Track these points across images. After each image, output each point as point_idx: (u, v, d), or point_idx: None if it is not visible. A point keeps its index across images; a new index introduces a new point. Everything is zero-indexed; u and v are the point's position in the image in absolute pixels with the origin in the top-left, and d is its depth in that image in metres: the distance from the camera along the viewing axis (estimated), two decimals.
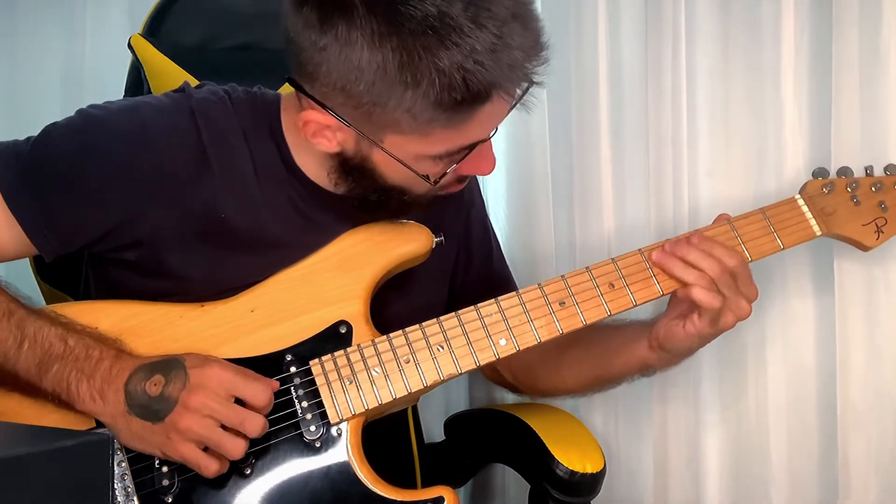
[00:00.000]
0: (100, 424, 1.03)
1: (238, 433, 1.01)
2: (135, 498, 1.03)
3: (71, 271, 1.23)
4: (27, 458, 0.70)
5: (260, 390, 1.02)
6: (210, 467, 1.01)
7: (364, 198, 1.10)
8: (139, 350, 1.06)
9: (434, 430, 1.54)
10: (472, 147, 1.04)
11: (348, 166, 1.07)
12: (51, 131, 1.08)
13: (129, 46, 1.44)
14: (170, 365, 1.01)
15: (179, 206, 1.08)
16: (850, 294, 1.36)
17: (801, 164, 1.38)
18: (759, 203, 1.37)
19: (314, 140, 1.05)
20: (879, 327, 1.37)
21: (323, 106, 1.00)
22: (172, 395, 1.00)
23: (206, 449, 1.01)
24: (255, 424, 1.01)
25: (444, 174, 1.06)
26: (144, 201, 1.07)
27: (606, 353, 1.21)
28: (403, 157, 1.02)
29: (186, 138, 1.08)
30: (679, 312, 1.13)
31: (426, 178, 1.05)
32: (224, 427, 1.01)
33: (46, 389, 1.02)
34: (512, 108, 1.02)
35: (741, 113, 1.42)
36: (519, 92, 0.99)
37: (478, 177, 1.28)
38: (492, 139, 1.07)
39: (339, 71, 0.96)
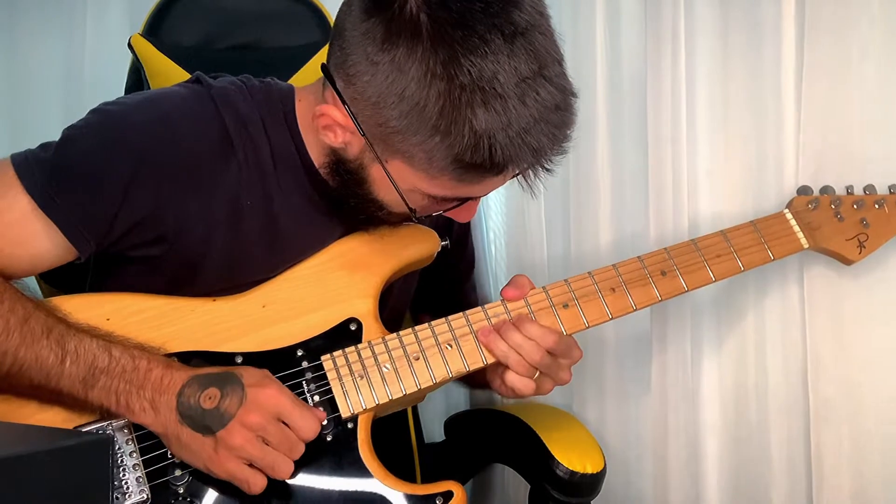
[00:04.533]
0: (105, 417, 1.03)
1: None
2: (146, 488, 1.03)
3: (74, 273, 1.23)
4: (27, 458, 0.70)
5: (312, 423, 1.03)
6: (259, 483, 1.01)
7: (343, 199, 1.10)
8: (151, 343, 1.05)
9: (434, 430, 1.54)
10: (465, 200, 1.06)
11: (342, 167, 1.07)
12: (71, 134, 1.06)
13: (130, 46, 1.44)
14: (226, 379, 1.01)
15: (206, 195, 1.06)
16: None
17: (800, 166, 1.38)
18: (759, 205, 1.38)
19: (323, 131, 1.05)
20: (847, 326, 1.38)
21: (348, 109, 1.00)
22: (229, 410, 1.00)
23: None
24: (300, 452, 1.03)
25: (429, 214, 1.08)
26: (172, 191, 1.05)
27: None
28: (400, 184, 1.02)
29: (211, 126, 1.07)
30: (498, 374, 1.14)
31: (413, 211, 1.06)
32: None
33: (93, 403, 1.01)
34: (509, 180, 1.02)
35: (741, 113, 1.41)
36: (531, 173, 1.00)
37: None
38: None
39: (379, 89, 0.95)
